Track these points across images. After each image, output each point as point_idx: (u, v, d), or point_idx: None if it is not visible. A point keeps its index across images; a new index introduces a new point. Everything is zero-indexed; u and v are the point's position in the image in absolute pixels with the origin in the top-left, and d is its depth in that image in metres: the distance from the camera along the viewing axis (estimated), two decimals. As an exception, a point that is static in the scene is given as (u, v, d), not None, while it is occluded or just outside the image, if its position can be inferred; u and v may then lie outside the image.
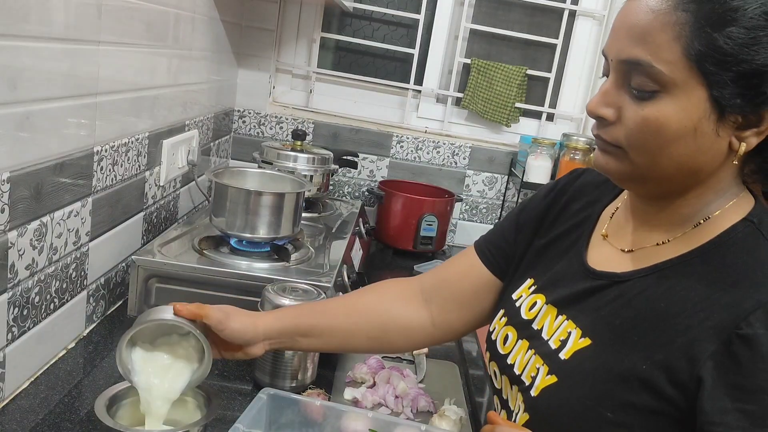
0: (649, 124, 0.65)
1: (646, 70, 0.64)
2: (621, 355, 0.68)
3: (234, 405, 1.06)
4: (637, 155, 0.68)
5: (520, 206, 0.95)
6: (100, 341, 1.20)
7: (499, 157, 2.14)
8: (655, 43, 0.63)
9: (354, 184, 2.16)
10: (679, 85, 0.63)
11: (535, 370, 0.76)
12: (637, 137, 0.66)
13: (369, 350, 1.10)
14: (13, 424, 0.94)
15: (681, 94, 0.63)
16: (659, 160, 0.67)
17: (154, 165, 1.43)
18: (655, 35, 0.63)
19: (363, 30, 2.17)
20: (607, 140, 0.69)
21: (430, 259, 1.98)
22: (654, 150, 0.66)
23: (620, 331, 0.70)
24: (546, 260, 0.86)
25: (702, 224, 0.70)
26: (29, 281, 0.99)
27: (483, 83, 2.09)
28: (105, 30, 1.11)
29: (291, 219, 1.34)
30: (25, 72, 0.89)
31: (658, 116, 0.64)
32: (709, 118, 0.64)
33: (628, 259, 0.75)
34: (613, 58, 0.68)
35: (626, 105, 0.67)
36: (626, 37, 0.66)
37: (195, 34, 1.58)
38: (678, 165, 0.67)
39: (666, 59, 0.63)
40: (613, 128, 0.68)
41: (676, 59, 0.62)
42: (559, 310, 0.78)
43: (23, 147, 0.92)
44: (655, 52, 0.63)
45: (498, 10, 2.15)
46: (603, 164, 0.71)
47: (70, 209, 1.08)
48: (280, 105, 2.14)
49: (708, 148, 0.65)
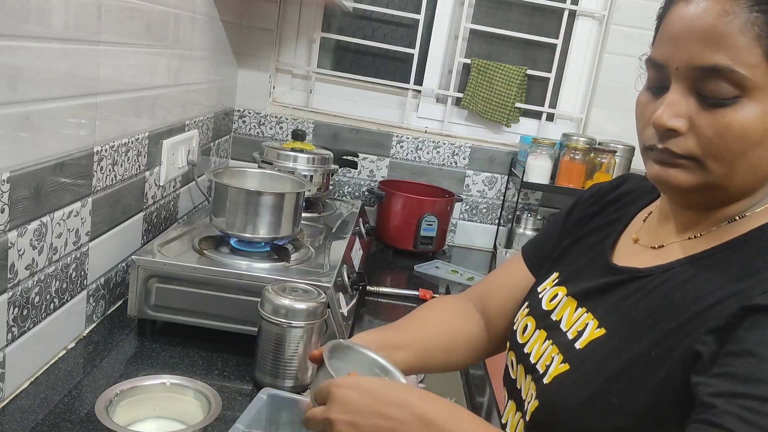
0: (733, 130, 0.63)
1: (726, 75, 0.62)
2: (632, 342, 0.68)
3: (234, 405, 1.06)
4: (716, 164, 0.65)
5: (566, 210, 0.96)
6: (100, 341, 1.20)
7: (499, 157, 2.14)
8: (734, 47, 0.61)
9: (354, 184, 2.16)
10: (762, 88, 0.61)
11: (550, 359, 0.77)
12: (718, 146, 0.64)
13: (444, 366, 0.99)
14: (13, 424, 0.94)
15: (764, 97, 0.62)
16: (737, 166, 0.65)
17: (154, 165, 1.43)
18: (733, 38, 0.61)
19: (363, 30, 2.17)
20: (678, 152, 0.67)
21: (430, 259, 1.98)
22: (735, 157, 0.64)
23: (635, 322, 0.70)
24: (572, 255, 0.87)
25: (737, 221, 0.69)
26: (29, 281, 0.99)
27: (483, 83, 2.09)
28: (105, 30, 1.11)
29: (291, 219, 1.34)
30: (25, 72, 0.89)
31: (743, 121, 0.62)
32: None
33: (655, 255, 0.75)
34: (682, 66, 0.65)
35: (697, 114, 0.65)
36: (698, 43, 0.63)
37: (195, 34, 1.58)
38: (754, 169, 0.65)
39: (748, 63, 0.61)
40: (684, 139, 0.66)
41: (759, 62, 0.61)
42: (578, 302, 0.79)
43: (23, 147, 0.92)
44: (736, 56, 0.61)
45: (498, 10, 2.15)
46: (672, 178, 0.68)
47: (70, 209, 1.08)
48: (280, 105, 2.14)
49: None
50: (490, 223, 2.19)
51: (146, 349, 1.20)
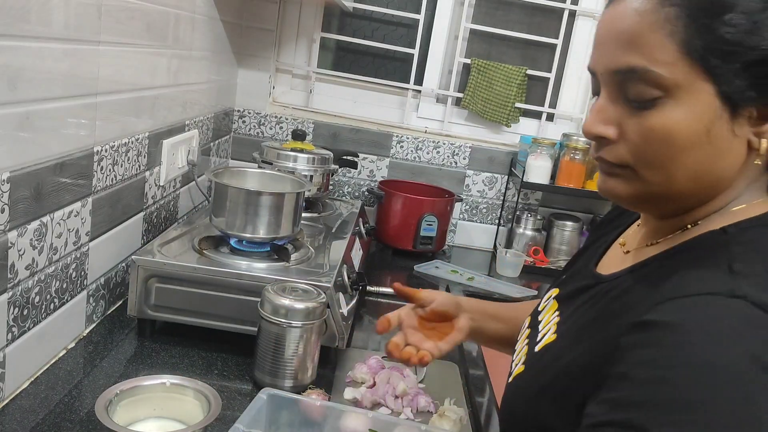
0: (657, 134, 0.59)
1: (642, 76, 0.58)
2: (571, 350, 0.66)
3: (234, 405, 1.06)
4: (649, 172, 0.61)
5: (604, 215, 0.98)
6: (100, 341, 1.20)
7: (499, 157, 2.14)
8: (647, 45, 0.58)
9: (354, 184, 2.16)
10: (683, 86, 0.57)
11: (520, 359, 0.79)
12: (647, 152, 0.60)
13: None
14: (13, 424, 0.94)
15: (686, 95, 0.58)
16: (674, 173, 0.60)
17: (154, 165, 1.43)
18: (645, 37, 0.58)
19: (363, 30, 2.17)
20: (612, 161, 0.63)
21: (430, 259, 1.98)
22: (666, 163, 0.60)
23: (580, 329, 0.68)
24: (580, 259, 0.88)
25: (689, 228, 0.65)
26: (29, 281, 0.99)
27: (483, 83, 2.09)
28: (105, 30, 1.11)
29: (291, 219, 1.34)
30: (25, 72, 0.89)
31: (666, 123, 0.59)
32: (722, 117, 0.58)
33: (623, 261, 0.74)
34: (605, 71, 0.62)
35: (626, 119, 0.61)
36: (614, 46, 0.61)
37: (195, 34, 1.58)
38: (695, 175, 0.60)
39: (663, 60, 0.57)
40: (616, 147, 0.63)
41: (674, 59, 0.57)
42: (558, 305, 0.80)
43: (23, 147, 0.92)
44: (650, 55, 0.58)
45: (498, 10, 2.15)
46: (611, 188, 0.65)
47: (70, 209, 1.08)
48: (280, 105, 2.14)
49: (726, 151, 0.59)
50: (490, 223, 2.19)
51: (146, 349, 1.20)
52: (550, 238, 2.11)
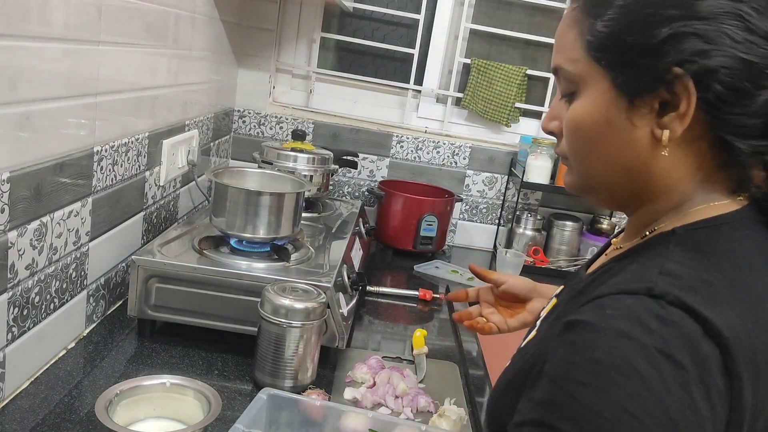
0: (569, 125, 0.65)
1: (562, 73, 0.65)
2: (536, 349, 0.68)
3: (234, 405, 1.06)
4: (575, 162, 0.67)
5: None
6: (100, 341, 1.20)
7: (499, 157, 2.14)
8: (565, 46, 0.65)
9: (354, 184, 2.16)
10: (587, 80, 0.63)
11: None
12: (569, 143, 0.66)
13: None
14: (13, 424, 0.94)
15: (589, 89, 0.63)
16: (592, 163, 0.65)
17: (154, 165, 1.43)
18: (564, 37, 0.65)
19: (363, 30, 2.17)
20: (559, 154, 0.70)
21: (430, 259, 1.98)
22: (583, 153, 0.66)
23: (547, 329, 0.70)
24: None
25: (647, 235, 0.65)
26: (29, 281, 0.99)
27: (483, 83, 2.09)
28: (105, 30, 1.11)
29: (291, 219, 1.34)
30: (25, 72, 0.89)
31: (574, 115, 0.64)
32: (619, 107, 0.61)
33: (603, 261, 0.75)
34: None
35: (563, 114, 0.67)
36: (554, 48, 0.68)
37: (195, 34, 1.58)
38: (608, 165, 0.64)
39: (572, 58, 0.64)
40: (561, 141, 0.69)
41: (579, 56, 0.63)
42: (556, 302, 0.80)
43: (23, 147, 0.92)
44: (564, 53, 0.64)
45: (498, 10, 2.15)
46: (564, 180, 0.71)
47: (70, 209, 1.08)
48: (280, 105, 2.14)
49: (628, 141, 0.62)
50: (490, 223, 2.19)
51: (146, 349, 1.20)
52: (550, 238, 2.11)
